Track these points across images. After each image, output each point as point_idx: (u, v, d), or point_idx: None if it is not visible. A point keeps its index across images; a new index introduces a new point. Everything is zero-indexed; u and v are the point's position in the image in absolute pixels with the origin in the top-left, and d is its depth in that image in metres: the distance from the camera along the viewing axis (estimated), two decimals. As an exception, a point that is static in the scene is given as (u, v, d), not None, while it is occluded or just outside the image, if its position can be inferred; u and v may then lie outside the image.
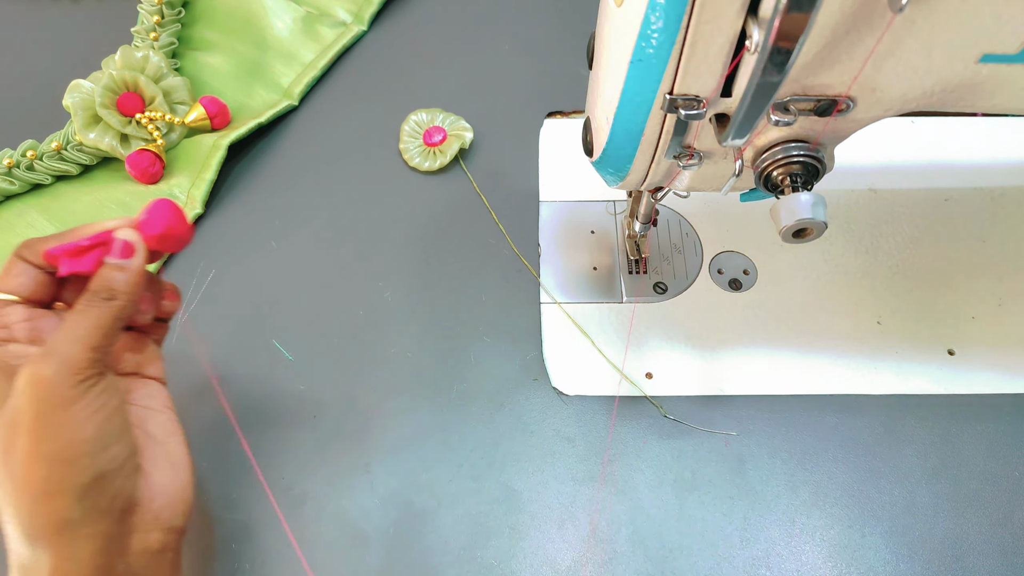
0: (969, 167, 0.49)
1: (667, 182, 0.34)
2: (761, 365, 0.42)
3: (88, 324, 0.29)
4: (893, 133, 0.50)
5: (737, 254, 0.46)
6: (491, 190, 0.49)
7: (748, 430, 0.40)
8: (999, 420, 0.40)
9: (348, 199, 0.49)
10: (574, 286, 0.45)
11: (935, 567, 0.36)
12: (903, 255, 0.45)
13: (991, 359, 0.42)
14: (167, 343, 0.37)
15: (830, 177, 0.32)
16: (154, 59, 0.49)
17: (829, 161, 0.30)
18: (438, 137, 0.50)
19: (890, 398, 0.41)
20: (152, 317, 0.35)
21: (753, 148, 0.30)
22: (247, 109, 0.54)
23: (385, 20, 0.58)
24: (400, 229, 0.48)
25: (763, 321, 0.43)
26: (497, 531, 0.38)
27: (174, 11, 0.54)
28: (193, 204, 0.48)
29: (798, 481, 0.39)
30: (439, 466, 0.40)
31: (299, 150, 0.52)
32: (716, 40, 0.25)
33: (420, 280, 0.46)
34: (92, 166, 0.50)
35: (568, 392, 0.41)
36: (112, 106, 0.48)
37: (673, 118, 0.29)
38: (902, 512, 0.38)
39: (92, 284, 0.31)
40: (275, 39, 0.56)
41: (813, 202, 0.28)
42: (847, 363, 0.42)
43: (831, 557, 0.37)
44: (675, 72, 0.27)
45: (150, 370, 0.35)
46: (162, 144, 0.49)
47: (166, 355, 0.36)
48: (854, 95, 0.27)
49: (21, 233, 0.47)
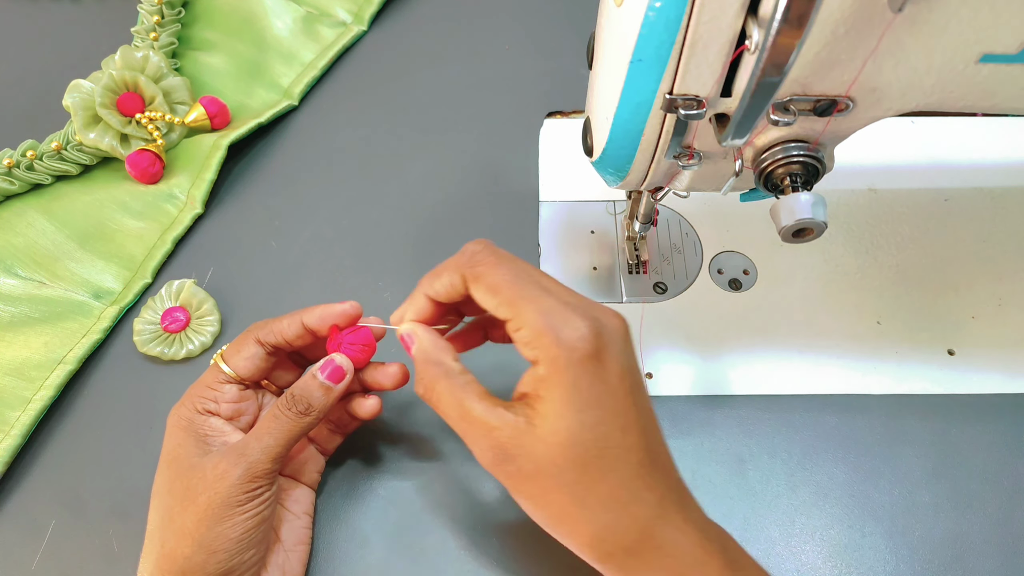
0: (969, 167, 0.49)
1: (667, 182, 0.34)
2: (761, 365, 0.42)
3: (278, 435, 0.32)
4: (893, 133, 0.50)
5: (737, 254, 0.46)
6: (491, 190, 0.49)
7: (748, 430, 0.40)
8: (999, 420, 0.40)
9: (348, 199, 0.49)
10: (574, 286, 0.44)
11: (935, 567, 0.36)
12: (903, 255, 0.45)
13: (991, 359, 0.42)
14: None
15: (830, 177, 0.32)
16: (154, 59, 0.49)
17: (829, 161, 0.30)
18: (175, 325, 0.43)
19: (890, 398, 0.41)
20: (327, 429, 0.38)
21: (753, 148, 0.30)
22: (247, 109, 0.54)
23: (385, 20, 0.58)
24: (400, 229, 0.48)
25: (763, 321, 0.43)
26: (497, 531, 0.38)
27: (174, 11, 0.54)
28: (193, 204, 0.48)
29: (798, 481, 0.39)
30: (439, 466, 0.40)
31: (299, 150, 0.52)
32: (716, 40, 0.25)
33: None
34: (92, 166, 0.50)
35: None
36: (112, 106, 0.48)
37: (673, 118, 0.29)
38: (902, 512, 0.38)
39: (295, 391, 0.33)
40: (275, 39, 0.56)
41: (813, 202, 0.28)
42: (847, 363, 0.42)
43: (831, 557, 0.37)
44: (675, 72, 0.27)
45: (306, 477, 0.37)
46: (162, 144, 0.49)
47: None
48: (854, 95, 0.27)
49: (21, 233, 0.47)
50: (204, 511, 0.30)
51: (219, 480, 0.30)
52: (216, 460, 0.31)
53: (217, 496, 0.30)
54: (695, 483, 0.39)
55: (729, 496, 0.38)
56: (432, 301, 0.32)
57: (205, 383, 0.34)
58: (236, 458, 0.31)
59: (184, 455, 0.32)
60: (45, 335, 0.43)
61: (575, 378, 0.27)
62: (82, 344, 0.43)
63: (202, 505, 0.30)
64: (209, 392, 0.33)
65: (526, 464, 0.27)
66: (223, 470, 0.30)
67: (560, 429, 0.27)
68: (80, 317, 0.44)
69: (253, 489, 0.31)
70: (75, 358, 0.42)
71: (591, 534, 0.28)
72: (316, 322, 0.34)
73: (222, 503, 0.30)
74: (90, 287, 0.45)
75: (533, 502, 0.28)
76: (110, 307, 0.45)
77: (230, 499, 0.30)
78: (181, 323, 0.43)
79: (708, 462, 0.39)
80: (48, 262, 0.46)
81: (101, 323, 0.44)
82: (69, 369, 0.42)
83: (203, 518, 0.30)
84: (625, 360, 0.28)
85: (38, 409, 0.40)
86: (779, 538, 0.37)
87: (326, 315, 0.34)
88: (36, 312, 0.44)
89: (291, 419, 0.32)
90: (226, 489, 0.30)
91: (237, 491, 0.30)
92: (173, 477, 0.31)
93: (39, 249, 0.47)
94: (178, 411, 0.33)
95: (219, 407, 0.33)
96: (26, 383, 0.41)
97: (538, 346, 0.27)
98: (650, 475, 0.28)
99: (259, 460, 0.31)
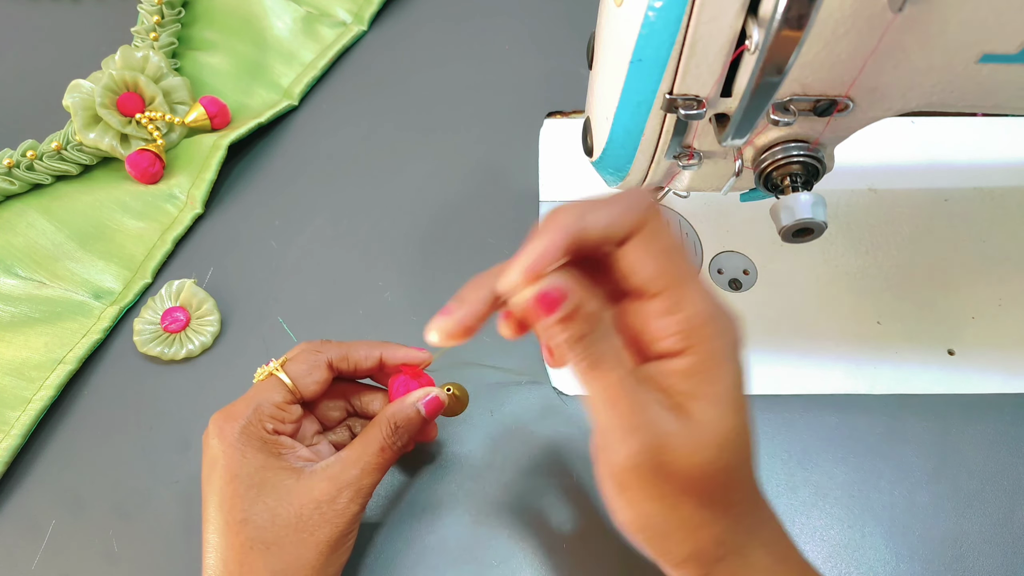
0: (969, 167, 0.49)
1: (667, 182, 0.34)
2: (761, 365, 0.42)
3: (384, 467, 0.33)
4: (893, 133, 0.50)
5: (737, 254, 0.46)
6: (491, 190, 0.49)
7: (748, 430, 0.40)
8: (999, 420, 0.40)
9: (348, 199, 0.49)
10: (574, 286, 0.45)
11: (935, 567, 0.36)
12: (903, 255, 0.45)
13: (991, 359, 0.42)
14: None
15: (830, 177, 0.32)
16: (154, 59, 0.49)
17: (829, 161, 0.30)
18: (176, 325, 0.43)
19: (890, 398, 0.41)
20: None
21: (753, 148, 0.30)
22: (247, 109, 0.54)
23: (385, 20, 0.58)
24: (400, 229, 0.48)
25: (763, 321, 0.43)
26: (497, 531, 0.38)
27: (174, 11, 0.54)
28: (193, 204, 0.48)
29: (798, 481, 0.39)
30: (439, 465, 0.40)
31: (299, 150, 0.52)
32: (716, 40, 0.25)
33: (420, 280, 0.46)
34: (92, 166, 0.50)
35: (568, 392, 0.41)
36: (112, 106, 0.48)
37: (673, 118, 0.29)
38: (902, 512, 0.38)
39: (400, 422, 0.33)
40: (275, 39, 0.56)
41: (813, 202, 0.28)
42: (847, 363, 0.42)
43: (831, 557, 0.37)
44: (675, 72, 0.27)
45: None
46: (162, 144, 0.49)
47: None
48: (854, 95, 0.27)
49: (21, 233, 0.47)
50: (325, 544, 0.31)
51: (340, 516, 0.31)
52: (329, 492, 0.31)
53: (338, 530, 0.31)
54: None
55: (729, 496, 0.38)
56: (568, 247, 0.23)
57: (272, 401, 0.33)
58: (354, 494, 0.31)
59: (275, 479, 0.31)
60: (45, 335, 0.43)
61: (735, 376, 0.24)
62: (82, 344, 0.43)
63: (322, 538, 0.31)
64: (279, 412, 0.33)
65: (673, 465, 0.23)
66: (344, 506, 0.31)
67: (720, 431, 0.24)
68: (80, 317, 0.44)
69: (360, 518, 0.32)
70: (75, 358, 0.42)
71: (701, 544, 0.25)
72: (396, 361, 0.35)
73: (340, 535, 0.31)
74: (90, 287, 0.45)
75: (655, 506, 0.24)
76: (110, 307, 0.45)
77: (347, 531, 0.31)
78: (181, 323, 0.43)
79: (708, 462, 0.39)
80: (48, 262, 0.46)
81: (101, 323, 0.44)
82: (69, 369, 0.42)
83: (323, 550, 0.31)
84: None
85: (38, 409, 0.40)
86: (779, 538, 0.37)
87: (408, 358, 0.35)
88: (36, 312, 0.44)
89: (396, 453, 0.33)
90: (346, 524, 0.31)
91: (354, 524, 0.32)
92: (275, 504, 0.31)
93: (39, 249, 0.46)
94: (246, 429, 0.32)
95: (286, 427, 0.33)
96: (26, 383, 0.41)
97: (698, 336, 0.23)
98: (759, 487, 0.26)
99: (370, 494, 0.32)
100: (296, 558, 0.30)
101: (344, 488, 0.31)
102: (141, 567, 0.37)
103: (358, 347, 0.35)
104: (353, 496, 0.31)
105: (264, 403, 0.32)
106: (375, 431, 0.33)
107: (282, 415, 0.33)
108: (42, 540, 0.38)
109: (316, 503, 0.31)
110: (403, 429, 0.33)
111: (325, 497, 0.31)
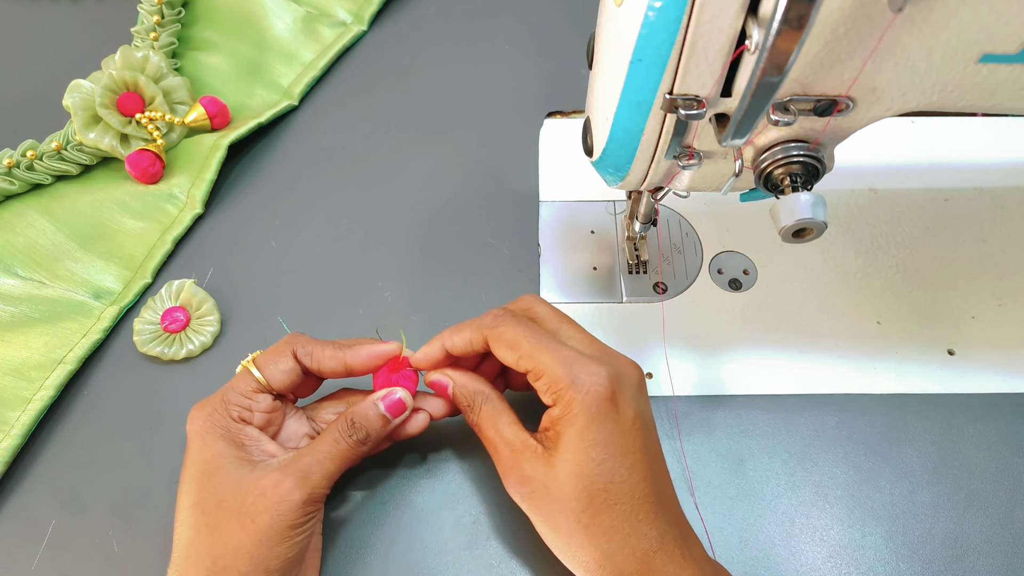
0: (969, 167, 0.49)
1: (667, 182, 0.34)
2: (761, 365, 0.42)
3: (339, 461, 0.33)
4: (893, 133, 0.50)
5: (737, 254, 0.46)
6: (491, 190, 0.49)
7: (748, 430, 0.40)
8: (999, 420, 0.40)
9: (348, 199, 0.49)
10: (574, 286, 0.45)
11: (935, 567, 0.36)
12: (903, 255, 0.45)
13: (991, 359, 0.42)
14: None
15: (830, 177, 0.32)
16: (154, 59, 0.49)
17: (829, 161, 0.30)
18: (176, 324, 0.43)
19: (890, 398, 0.41)
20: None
21: (753, 148, 0.30)
22: (247, 109, 0.54)
23: (385, 20, 0.58)
24: (400, 229, 0.48)
25: (763, 321, 0.43)
26: (497, 531, 0.38)
27: (174, 11, 0.54)
28: (193, 204, 0.48)
29: (798, 481, 0.39)
30: (439, 465, 0.40)
31: (299, 150, 0.52)
32: (716, 40, 0.25)
33: (420, 280, 0.46)
34: (92, 166, 0.50)
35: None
36: (112, 106, 0.48)
37: (673, 118, 0.29)
38: (902, 512, 0.38)
39: (355, 418, 0.33)
40: (275, 39, 0.56)
41: (813, 202, 0.28)
42: (847, 363, 0.42)
43: (831, 557, 0.37)
44: (675, 72, 0.27)
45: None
46: (162, 144, 0.49)
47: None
48: (854, 95, 0.27)
49: (21, 233, 0.47)
50: (265, 532, 0.30)
51: (281, 502, 0.30)
52: (276, 479, 0.31)
53: (279, 518, 0.30)
54: (695, 484, 0.39)
55: (729, 496, 0.38)
56: (446, 353, 0.35)
57: (238, 390, 0.33)
58: (298, 481, 0.31)
59: (228, 466, 0.31)
60: (45, 335, 0.43)
61: (588, 418, 0.30)
62: (82, 344, 0.43)
63: (263, 525, 0.30)
64: (244, 400, 0.33)
65: (540, 487, 0.31)
66: (285, 491, 0.31)
67: (570, 461, 0.30)
68: (80, 317, 0.44)
69: (311, 511, 0.32)
70: (75, 358, 0.42)
71: (594, 560, 0.30)
72: (360, 364, 0.35)
73: (284, 525, 0.30)
74: (90, 287, 0.45)
75: (545, 524, 0.31)
76: (110, 307, 0.45)
77: (292, 521, 0.31)
78: (181, 323, 0.43)
79: (708, 462, 0.39)
80: (48, 262, 0.46)
81: (101, 323, 0.44)
82: (69, 369, 0.42)
83: (263, 539, 0.30)
84: (638, 405, 0.31)
85: (38, 409, 0.40)
86: (779, 538, 0.37)
87: (371, 357, 0.35)
88: (36, 312, 0.44)
89: (351, 447, 0.33)
90: (288, 511, 0.30)
91: (298, 514, 0.31)
92: (223, 491, 0.31)
93: (39, 249, 0.46)
94: (210, 417, 0.33)
95: (253, 416, 0.33)
96: (26, 383, 0.41)
97: (556, 391, 0.31)
98: (653, 511, 0.30)
99: (319, 484, 0.32)
100: (237, 544, 0.30)
101: (290, 475, 0.31)
102: (141, 567, 0.37)
103: (324, 346, 0.35)
104: (297, 483, 0.31)
105: (231, 391, 0.33)
106: (332, 424, 0.33)
107: (247, 403, 0.33)
108: (42, 540, 0.38)
109: (261, 489, 0.31)
110: (359, 424, 0.33)
111: (269, 483, 0.31)
